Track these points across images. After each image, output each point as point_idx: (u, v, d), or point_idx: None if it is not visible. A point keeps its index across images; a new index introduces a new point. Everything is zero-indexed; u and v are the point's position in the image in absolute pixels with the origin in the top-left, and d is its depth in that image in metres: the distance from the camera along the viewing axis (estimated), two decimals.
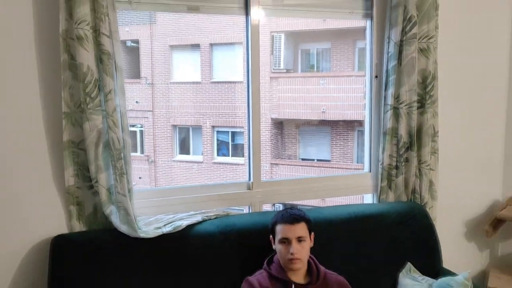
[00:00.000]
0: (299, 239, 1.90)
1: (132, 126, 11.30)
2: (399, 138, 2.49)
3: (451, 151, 2.76)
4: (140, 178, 11.43)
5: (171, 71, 11.33)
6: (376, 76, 2.60)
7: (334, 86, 10.49)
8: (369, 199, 2.71)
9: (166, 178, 11.58)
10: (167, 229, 2.00)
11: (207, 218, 2.15)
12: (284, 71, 11.06)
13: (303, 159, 11.36)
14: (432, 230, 2.42)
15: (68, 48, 1.88)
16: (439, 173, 2.62)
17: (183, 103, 11.37)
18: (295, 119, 11.07)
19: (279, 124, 11.26)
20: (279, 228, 1.93)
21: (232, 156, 11.45)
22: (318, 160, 11.22)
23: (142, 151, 11.76)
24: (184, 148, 11.80)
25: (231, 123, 11.21)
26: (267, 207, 2.55)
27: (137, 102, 11.31)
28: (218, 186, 2.40)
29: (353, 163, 10.78)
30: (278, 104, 10.90)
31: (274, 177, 10.92)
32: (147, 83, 11.39)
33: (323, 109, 10.61)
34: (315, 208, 2.44)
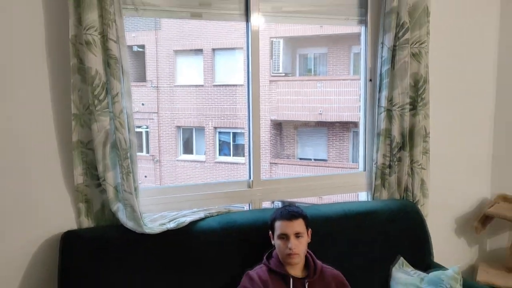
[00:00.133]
0: (297, 235, 1.90)
1: (138, 127, 11.31)
2: (392, 139, 2.49)
3: (441, 151, 2.76)
4: (145, 176, 11.44)
5: (175, 75, 11.34)
6: (370, 80, 2.60)
7: (330, 89, 10.50)
8: (363, 196, 2.71)
9: (170, 176, 11.59)
10: (171, 225, 2.00)
11: (209, 215, 2.15)
12: (282, 75, 11.07)
13: (301, 159, 11.37)
14: (424, 226, 2.42)
15: (77, 52, 1.88)
16: (430, 172, 2.62)
17: (187, 105, 11.38)
18: (293, 121, 11.08)
19: (278, 125, 11.27)
20: (278, 224, 1.93)
21: (233, 155, 11.46)
22: (315, 159, 11.23)
23: (148, 151, 11.77)
24: (187, 148, 11.80)
25: (232, 124, 11.21)
26: (267, 205, 2.55)
27: (143, 104, 11.32)
28: (219, 184, 2.40)
29: (348, 163, 10.78)
30: (277, 106, 10.91)
31: (273, 175, 10.93)
32: (152, 86, 11.40)
33: (320, 111, 10.61)
34: (312, 205, 2.44)
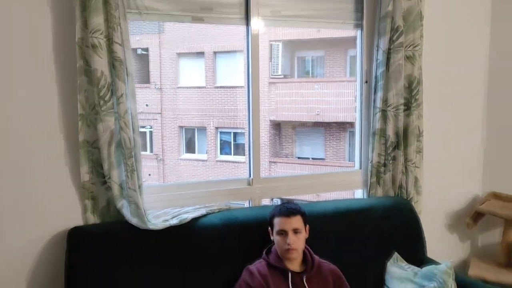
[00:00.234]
0: (295, 231, 1.90)
1: (142, 127, 11.31)
2: (387, 138, 2.49)
3: (434, 150, 2.76)
4: (149, 175, 11.43)
5: (178, 77, 11.34)
6: (366, 81, 2.60)
7: (327, 90, 10.50)
8: (359, 194, 2.70)
9: (173, 175, 11.59)
10: (174, 221, 2.00)
11: (211, 212, 2.15)
12: (281, 77, 11.06)
13: (299, 158, 11.37)
14: (417, 222, 2.42)
15: (83, 55, 1.88)
16: (424, 170, 2.62)
17: (189, 106, 11.38)
18: (291, 121, 11.08)
19: (277, 125, 11.27)
20: (277, 221, 1.93)
21: (234, 154, 11.46)
22: (313, 158, 11.23)
23: (151, 150, 11.77)
24: (190, 148, 11.80)
25: (233, 125, 11.21)
26: (266, 202, 2.55)
27: (146, 105, 11.32)
28: (221, 182, 2.40)
29: (345, 161, 10.78)
30: (276, 107, 10.91)
31: (273, 174, 10.92)
32: (156, 88, 11.39)
33: (318, 111, 10.61)
34: (310, 202, 2.44)
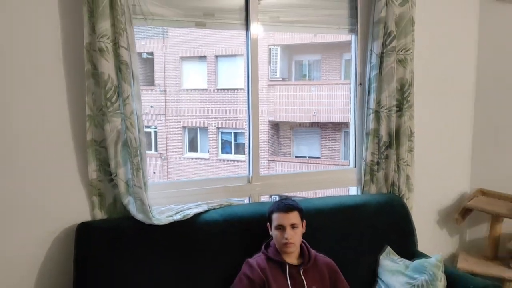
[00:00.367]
0: (293, 226, 1.90)
1: (147, 127, 11.31)
2: (380, 138, 2.49)
3: (425, 150, 2.76)
4: (154, 173, 11.44)
5: (181, 80, 11.34)
6: (360, 84, 2.60)
7: (323, 92, 10.50)
8: (353, 191, 2.70)
9: (177, 173, 11.59)
10: (178, 217, 2.00)
11: (212, 208, 2.15)
12: (280, 80, 11.06)
13: (296, 156, 11.37)
14: (409, 218, 2.42)
15: (91, 58, 1.88)
16: (415, 168, 2.63)
17: (192, 107, 11.38)
18: (289, 122, 11.08)
19: (275, 126, 11.27)
20: (275, 216, 1.93)
21: (234, 153, 11.46)
22: (310, 157, 11.23)
23: (156, 149, 11.77)
24: (192, 147, 11.80)
25: (233, 125, 11.21)
26: (265, 198, 2.55)
27: (151, 107, 11.32)
28: (222, 179, 2.40)
29: (340, 160, 10.79)
30: (275, 108, 10.91)
31: (271, 172, 10.92)
32: (160, 90, 11.39)
33: (314, 112, 10.61)
34: (306, 199, 2.44)
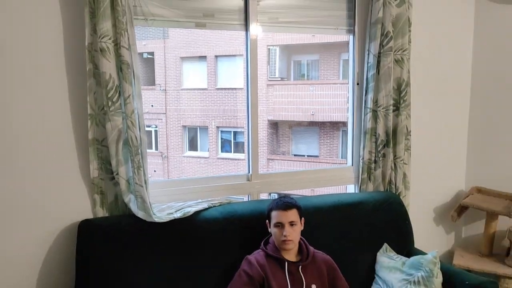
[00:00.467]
0: (291, 223, 1.90)
1: (148, 126, 11.29)
2: (377, 137, 2.49)
3: (422, 148, 2.76)
4: (154, 171, 11.42)
5: (182, 79, 11.32)
6: (357, 83, 2.60)
7: (322, 92, 10.49)
8: (351, 189, 2.71)
9: (177, 171, 11.58)
10: (178, 214, 2.00)
11: (212, 205, 2.15)
12: (279, 79, 11.05)
13: (295, 155, 11.36)
14: (405, 215, 2.43)
15: (92, 59, 1.88)
16: (412, 166, 2.63)
17: (192, 107, 11.36)
18: (288, 121, 11.07)
19: (274, 125, 11.26)
20: (274, 214, 1.94)
21: (234, 152, 11.45)
22: (308, 155, 11.22)
23: (157, 148, 11.76)
24: (192, 146, 11.79)
25: (233, 124, 11.20)
26: (264, 196, 2.55)
27: (152, 106, 11.31)
28: (221, 178, 2.40)
29: (338, 158, 10.78)
30: (274, 108, 10.90)
31: (270, 170, 10.92)
32: (161, 90, 11.37)
33: (312, 112, 10.61)
34: (305, 196, 2.44)
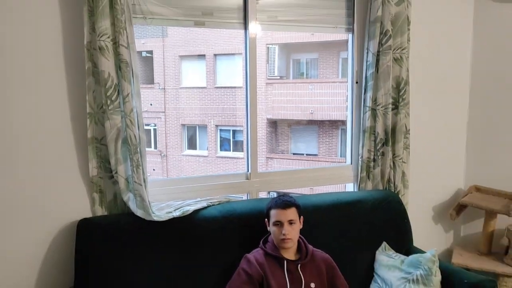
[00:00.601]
0: (290, 222, 1.90)
1: (147, 125, 11.29)
2: (376, 135, 2.49)
3: (420, 146, 2.76)
4: (154, 170, 11.43)
5: (181, 78, 11.31)
6: (356, 82, 2.60)
7: (320, 90, 10.50)
8: (350, 187, 2.71)
9: (176, 170, 11.58)
10: (177, 213, 2.00)
11: (211, 204, 2.15)
12: (278, 78, 11.05)
13: (294, 154, 11.37)
14: (404, 214, 2.43)
15: (91, 57, 1.88)
16: (410, 165, 2.63)
17: (191, 105, 11.36)
18: (287, 119, 11.07)
19: (273, 123, 11.26)
20: (273, 213, 1.94)
21: (233, 151, 11.46)
22: (307, 154, 11.23)
23: (156, 147, 11.76)
24: (191, 144, 11.79)
25: (232, 123, 11.21)
26: (263, 195, 2.55)
27: (151, 105, 11.30)
28: (220, 176, 2.40)
29: (337, 157, 10.79)
30: (273, 106, 10.90)
31: (269, 169, 10.92)
32: (159, 88, 11.37)
33: (311, 110, 10.61)
34: (304, 195, 2.44)
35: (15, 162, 1.89)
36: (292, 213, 1.92)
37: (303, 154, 11.27)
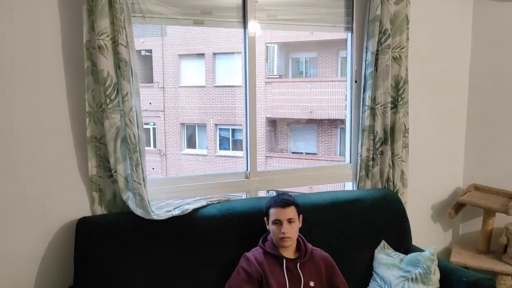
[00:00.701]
0: (289, 221, 1.90)
1: (146, 124, 11.29)
2: (375, 134, 2.49)
3: (419, 145, 2.76)
4: (153, 169, 11.42)
5: (180, 77, 11.31)
6: (355, 81, 2.60)
7: (320, 89, 10.51)
8: (349, 186, 2.71)
9: (175, 168, 11.58)
10: (176, 212, 2.00)
11: (210, 203, 2.15)
12: (277, 77, 11.06)
13: (293, 152, 11.37)
14: (403, 212, 2.43)
15: (90, 56, 1.88)
16: (409, 164, 2.63)
17: (190, 104, 11.36)
18: (286, 118, 11.08)
19: (272, 122, 11.26)
20: (272, 211, 1.94)
21: (232, 150, 11.46)
22: (306, 153, 11.24)
23: (155, 146, 11.75)
24: (191, 143, 11.78)
25: (231, 122, 11.20)
26: (262, 193, 2.55)
27: (150, 104, 11.29)
28: (220, 175, 2.40)
29: (336, 156, 10.79)
30: (272, 105, 10.91)
31: (268, 167, 10.92)
32: (159, 87, 11.36)
33: (311, 109, 10.62)
34: (303, 194, 2.44)
35: (14, 160, 1.89)
36: (291, 211, 1.92)
37: (302, 153, 11.27)
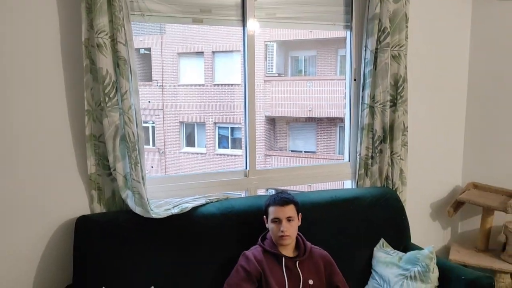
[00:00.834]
0: (289, 219, 1.91)
1: (145, 122, 11.27)
2: (374, 133, 2.49)
3: (418, 144, 2.76)
4: (152, 167, 11.43)
5: (179, 75, 11.30)
6: (355, 79, 2.60)
7: (319, 88, 10.50)
8: (348, 184, 2.71)
9: (174, 167, 11.58)
10: (175, 210, 2.00)
11: (209, 201, 2.15)
12: (276, 75, 11.05)
13: (292, 151, 11.37)
14: (402, 211, 2.43)
15: (89, 54, 1.88)
16: (408, 162, 2.63)
17: (189, 103, 11.35)
18: (285, 117, 11.08)
19: (271, 121, 11.26)
20: (272, 210, 1.94)
21: (231, 148, 11.45)
22: (305, 151, 11.24)
23: (154, 144, 11.75)
24: (190, 142, 11.78)
25: (230, 120, 11.20)
26: (261, 192, 2.55)
27: (149, 102, 11.28)
28: (219, 174, 2.40)
29: (335, 154, 10.80)
30: (271, 104, 10.90)
31: (268, 166, 10.93)
32: (158, 85, 11.35)
33: (310, 108, 10.61)
34: (302, 192, 2.44)
35: (13, 159, 1.89)
36: (290, 210, 1.92)
37: (301, 151, 11.27)
